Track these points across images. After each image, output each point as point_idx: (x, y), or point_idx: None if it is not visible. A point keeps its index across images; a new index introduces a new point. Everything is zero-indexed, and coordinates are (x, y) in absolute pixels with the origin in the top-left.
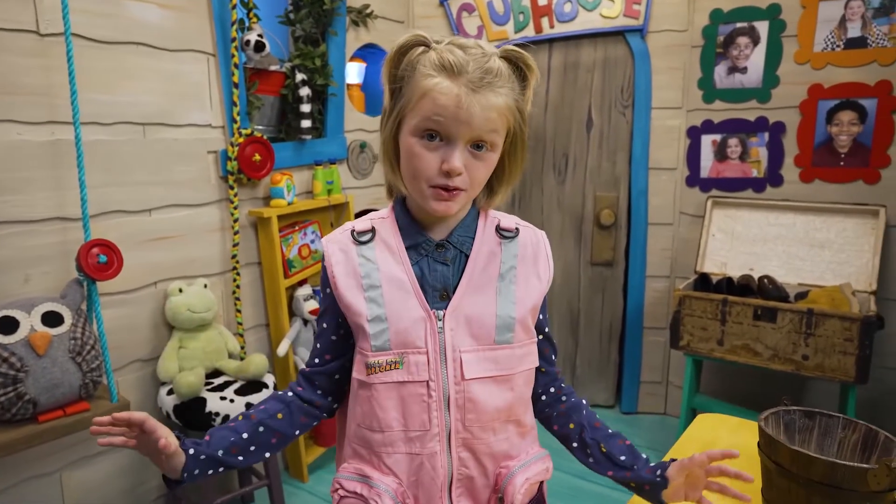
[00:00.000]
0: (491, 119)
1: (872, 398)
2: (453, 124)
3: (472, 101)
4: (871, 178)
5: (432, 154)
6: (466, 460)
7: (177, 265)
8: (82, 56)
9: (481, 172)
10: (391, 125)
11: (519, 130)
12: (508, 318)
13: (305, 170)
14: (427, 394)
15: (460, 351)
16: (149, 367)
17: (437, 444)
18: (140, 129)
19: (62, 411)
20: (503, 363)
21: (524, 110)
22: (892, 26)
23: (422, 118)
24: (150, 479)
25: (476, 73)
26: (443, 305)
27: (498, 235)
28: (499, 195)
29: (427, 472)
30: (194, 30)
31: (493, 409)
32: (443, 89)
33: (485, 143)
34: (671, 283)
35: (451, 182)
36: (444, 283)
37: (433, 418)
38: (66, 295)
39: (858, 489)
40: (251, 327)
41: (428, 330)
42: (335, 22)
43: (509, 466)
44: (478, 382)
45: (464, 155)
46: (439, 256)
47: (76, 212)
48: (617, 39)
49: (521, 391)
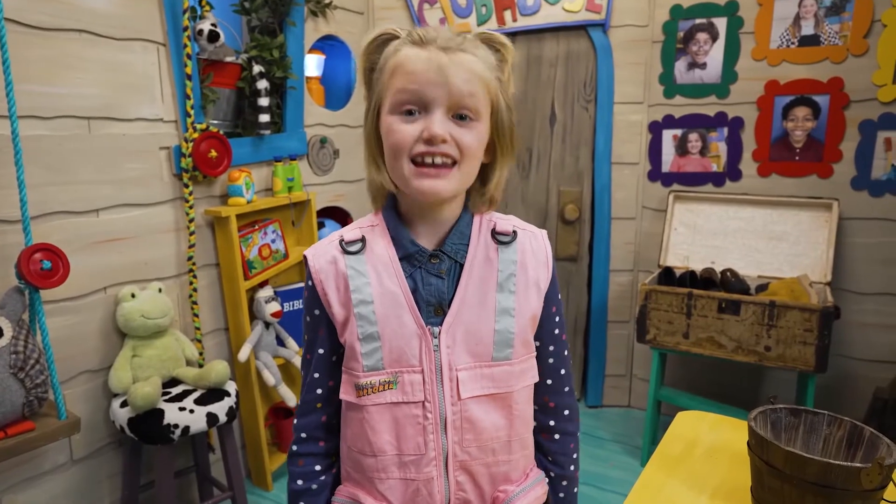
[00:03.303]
0: (467, 80)
1: (828, 385)
2: (428, 88)
3: (443, 60)
4: (825, 173)
5: (411, 126)
6: (464, 484)
7: (128, 269)
8: (17, 43)
9: (471, 142)
10: (371, 117)
11: (505, 106)
12: (507, 334)
13: (264, 166)
14: (423, 415)
15: (457, 369)
16: (99, 377)
17: (434, 468)
18: (85, 124)
19: (3, 433)
20: (501, 381)
21: (506, 85)
22: (843, 25)
23: (396, 92)
24: (102, 497)
25: (444, 39)
26: (438, 321)
27: (494, 240)
28: (492, 182)
29: (423, 499)
30: (143, 17)
31: (493, 429)
32: (412, 55)
33: (467, 110)
34: (635, 277)
35: (435, 149)
36: (438, 298)
37: (429, 441)
38: (5, 305)
39: (851, 488)
40: (210, 332)
41: (423, 347)
42: (293, 12)
43: (508, 491)
44: (475, 402)
45: (446, 124)
46: (433, 269)
47: (15, 213)
48: (579, 34)
49: (522, 409)
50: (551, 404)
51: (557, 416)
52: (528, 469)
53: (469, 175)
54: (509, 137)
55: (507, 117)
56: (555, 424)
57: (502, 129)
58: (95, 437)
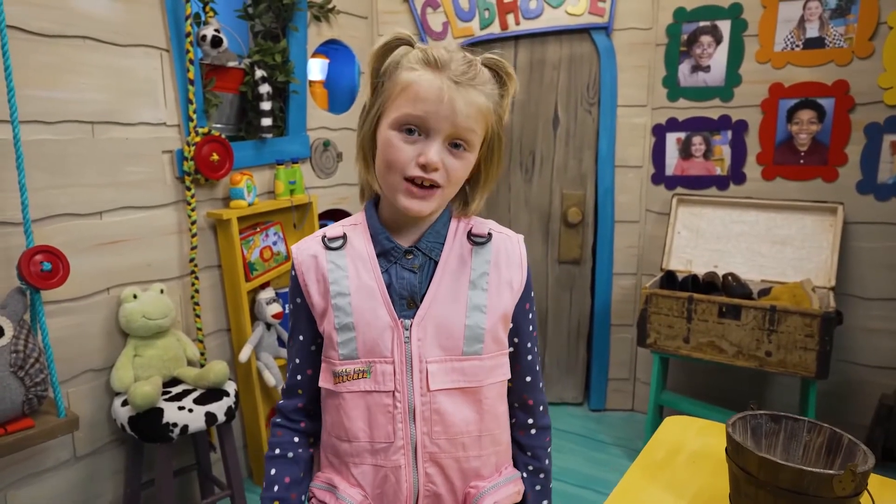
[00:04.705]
0: (471, 116)
1: (833, 392)
2: (433, 117)
3: (454, 94)
4: (830, 176)
5: (410, 146)
6: (433, 476)
7: (131, 270)
8: (21, 50)
9: (458, 171)
10: (371, 120)
11: (496, 136)
12: (478, 329)
13: (267, 169)
14: (392, 404)
15: (426, 361)
16: (102, 377)
17: (402, 457)
18: (88, 128)
19: (3, 429)
20: (471, 375)
21: (502, 117)
22: (849, 27)
23: (402, 111)
24: (104, 493)
25: (459, 68)
26: (410, 314)
27: (470, 241)
28: (474, 202)
29: (391, 486)
30: (146, 23)
31: (462, 423)
32: (425, 81)
33: (463, 141)
34: (638, 281)
35: (427, 175)
36: (410, 291)
37: (398, 430)
38: (7, 305)
39: (824, 495)
40: (211, 333)
41: (395, 339)
42: (296, 17)
43: (479, 487)
44: (444, 394)
45: (442, 152)
46: (407, 263)
47: (19, 216)
48: (582, 37)
49: (492, 405)
50: (530, 402)
51: (535, 413)
52: (501, 467)
53: (450, 195)
54: (496, 161)
55: (498, 145)
56: (533, 422)
57: (491, 157)
58: (98, 435)
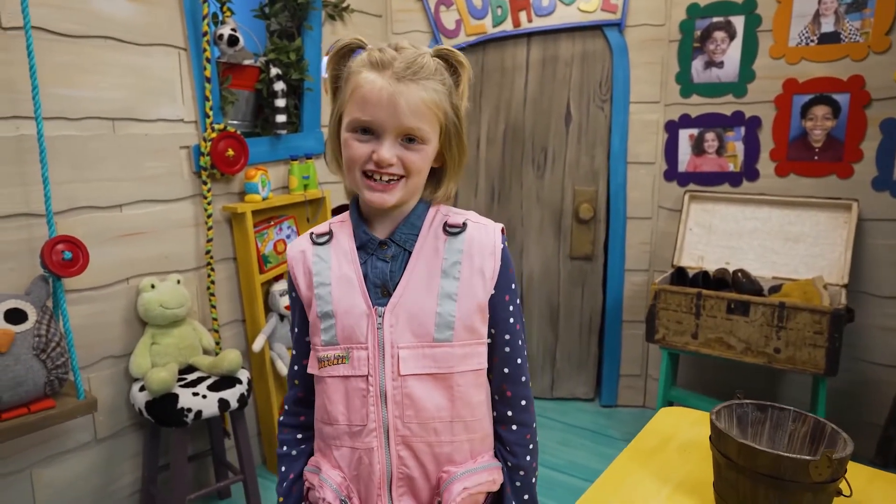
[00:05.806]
0: (417, 112)
1: (847, 390)
2: (379, 115)
3: (395, 90)
4: (844, 173)
5: (364, 145)
6: (406, 459)
7: (149, 261)
8: (46, 50)
9: (417, 162)
10: (333, 123)
11: (453, 126)
12: (449, 317)
13: (281, 165)
14: (366, 388)
15: (398, 347)
16: (121, 363)
17: (375, 439)
18: (109, 124)
19: (26, 409)
20: (442, 361)
21: (458, 106)
22: (865, 21)
23: (353, 115)
24: (123, 475)
25: (400, 66)
26: (384, 302)
27: (444, 232)
28: (441, 189)
29: (365, 468)
30: (164, 23)
31: (434, 408)
32: (369, 83)
33: (415, 136)
34: (650, 277)
35: (384, 170)
36: (383, 280)
37: (370, 413)
38: (31, 292)
39: (801, 480)
40: (227, 323)
41: (369, 325)
42: (311, 16)
43: (450, 472)
44: (415, 379)
45: (395, 148)
46: (381, 254)
47: (42, 208)
48: (595, 33)
49: (464, 392)
50: (508, 393)
51: (515, 407)
52: (476, 454)
53: (416, 185)
54: (457, 149)
55: (456, 133)
56: (512, 415)
57: (450, 145)
58: (118, 419)
